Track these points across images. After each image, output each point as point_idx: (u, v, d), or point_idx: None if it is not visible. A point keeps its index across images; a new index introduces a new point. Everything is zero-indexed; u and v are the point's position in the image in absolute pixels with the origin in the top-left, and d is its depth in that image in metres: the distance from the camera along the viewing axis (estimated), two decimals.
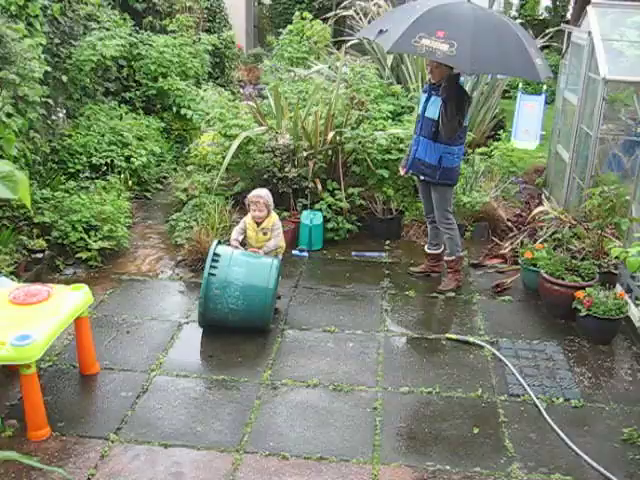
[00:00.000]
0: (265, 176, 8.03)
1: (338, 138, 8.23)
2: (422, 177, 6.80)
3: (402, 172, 7.14)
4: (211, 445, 4.59)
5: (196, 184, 8.19)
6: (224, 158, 7.96)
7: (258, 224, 6.34)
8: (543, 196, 9.26)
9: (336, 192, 8.11)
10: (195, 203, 7.81)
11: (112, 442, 4.58)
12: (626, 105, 7.99)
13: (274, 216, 6.45)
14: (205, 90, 10.64)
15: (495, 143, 9.87)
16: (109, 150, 8.84)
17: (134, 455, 4.47)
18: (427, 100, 6.67)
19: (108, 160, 8.73)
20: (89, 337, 5.27)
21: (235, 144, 7.88)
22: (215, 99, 9.25)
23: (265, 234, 6.33)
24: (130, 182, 8.84)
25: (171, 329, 6.05)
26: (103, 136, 8.92)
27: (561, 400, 5.20)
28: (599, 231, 6.85)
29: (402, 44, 6.00)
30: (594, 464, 4.51)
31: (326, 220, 7.93)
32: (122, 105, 10.02)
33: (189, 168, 8.83)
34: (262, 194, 6.35)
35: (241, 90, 14.17)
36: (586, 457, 4.58)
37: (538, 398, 5.19)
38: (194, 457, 4.47)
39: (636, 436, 4.79)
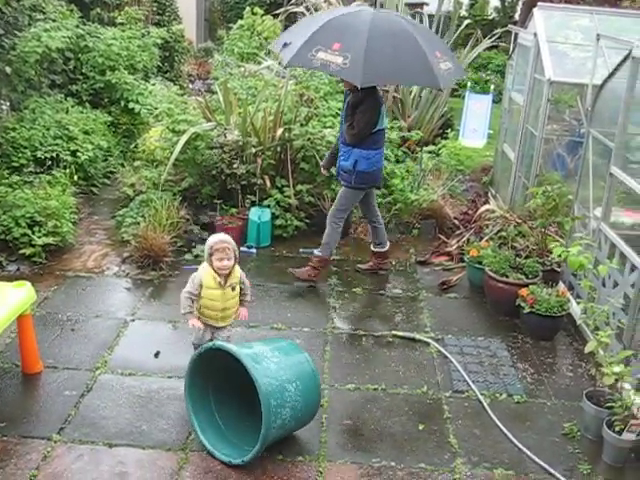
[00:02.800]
0: (213, 172, 7.99)
1: (287, 135, 8.23)
2: (342, 182, 6.86)
3: (323, 171, 7.20)
4: (156, 444, 4.55)
5: (144, 180, 8.11)
6: (172, 154, 7.89)
7: (224, 278, 4.90)
8: (489, 194, 9.40)
9: (285, 189, 8.11)
10: (142, 199, 7.72)
11: (55, 442, 4.51)
12: (570, 106, 8.16)
13: (236, 266, 5.04)
14: (154, 84, 10.55)
15: (443, 141, 9.99)
16: (54, 144, 8.67)
17: (77, 455, 4.41)
18: (345, 106, 6.70)
19: (53, 154, 8.57)
20: (32, 335, 5.17)
21: (183, 140, 7.82)
22: (164, 94, 9.17)
23: (233, 289, 4.97)
24: (76, 177, 8.69)
25: (117, 327, 5.98)
26: (48, 130, 8.75)
27: (504, 396, 5.30)
28: (542, 230, 6.98)
29: (299, 58, 6.00)
30: (535, 458, 4.62)
31: (274, 217, 7.92)
32: (68, 98, 9.84)
33: (136, 163, 8.72)
34: (227, 239, 4.92)
35: (190, 85, 14.08)
36: (528, 452, 4.68)
37: (482, 394, 5.28)
38: (139, 456, 4.43)
39: (576, 430, 4.90)
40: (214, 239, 4.90)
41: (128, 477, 4.25)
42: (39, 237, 6.99)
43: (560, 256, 5.51)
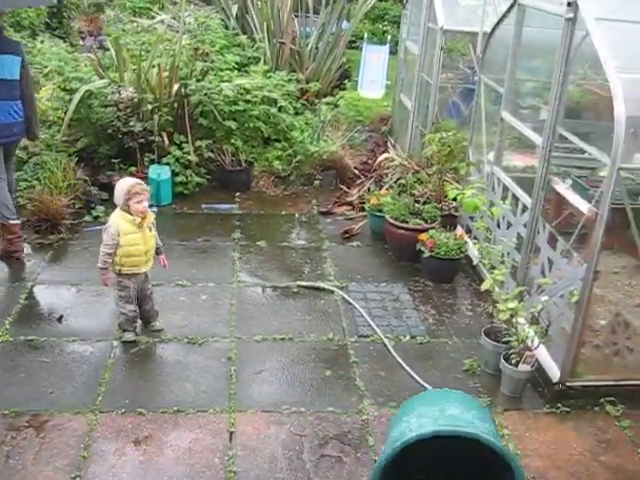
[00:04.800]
0: (109, 131, 7.81)
1: (183, 90, 8.10)
2: None
3: None
4: (64, 408, 4.50)
5: (37, 141, 7.83)
6: (65, 113, 7.66)
7: (141, 219, 5.01)
8: (389, 144, 9.54)
9: (184, 145, 8.01)
10: (36, 161, 7.48)
11: None
12: (463, 54, 8.33)
13: None
14: (42, 42, 10.14)
15: (341, 93, 10.03)
16: None
17: None
18: None
19: None
20: None
21: (76, 98, 7.60)
22: (53, 51, 8.83)
23: (150, 230, 5.12)
24: None
25: (17, 293, 5.83)
26: None
27: (408, 338, 5.47)
28: (439, 176, 7.16)
29: None
30: None
31: (175, 174, 7.83)
32: None
33: None
34: (140, 181, 5.11)
35: (81, 42, 13.57)
36: (431, 389, 4.86)
37: (386, 337, 5.44)
38: (46, 421, 4.37)
39: (476, 366, 5.13)
40: (129, 183, 4.99)
41: (36, 442, 4.20)
42: None
43: (455, 199, 5.69)
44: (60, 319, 5.49)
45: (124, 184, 4.97)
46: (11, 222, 6.31)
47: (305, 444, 4.31)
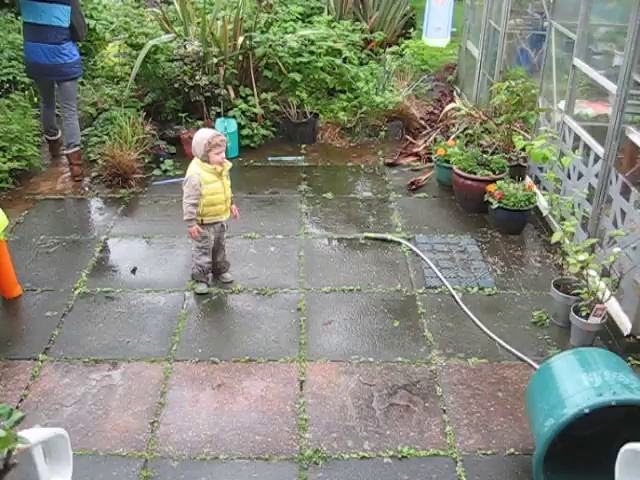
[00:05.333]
0: (176, 85, 7.88)
1: (248, 43, 8.11)
2: None
3: None
4: (140, 357, 4.67)
5: (105, 97, 7.98)
6: (132, 69, 7.75)
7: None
8: (455, 93, 9.38)
9: (249, 98, 8.05)
10: (106, 117, 7.63)
11: (42, 362, 4.61)
12: None
13: None
14: None
15: (406, 42, 9.87)
16: (10, 66, 8.43)
17: (65, 372, 4.52)
18: None
19: (10, 77, 8.35)
20: (7, 260, 5.20)
21: (142, 53, 7.67)
22: (118, 7, 8.91)
23: (228, 178, 5.30)
24: (35, 99, 8.53)
25: (91, 246, 6.02)
26: (2, 52, 8.51)
27: (476, 289, 5.46)
28: (508, 125, 7.03)
29: None
30: (507, 346, 4.81)
31: (240, 127, 7.89)
32: (19, 17, 9.52)
33: (96, 81, 8.56)
34: (219, 132, 5.34)
35: None
36: (500, 340, 4.87)
37: (454, 289, 5.44)
38: (125, 369, 4.55)
39: (545, 318, 5.09)
40: (209, 134, 5.05)
41: (116, 389, 4.38)
42: (4, 162, 6.91)
43: (523, 149, 5.59)
44: (134, 271, 5.65)
45: (204, 135, 5.02)
46: (51, 138, 7.81)
47: (374, 393, 4.38)
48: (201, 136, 5.04)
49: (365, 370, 4.57)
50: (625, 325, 4.80)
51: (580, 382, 3.57)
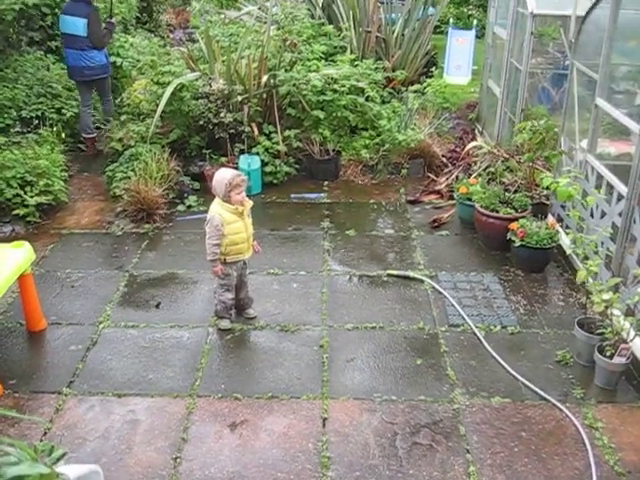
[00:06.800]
0: (201, 122, 8.00)
1: (272, 81, 8.22)
2: None
3: None
4: (164, 392, 4.69)
5: (131, 134, 8.09)
6: (158, 106, 7.88)
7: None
8: (476, 131, 9.44)
9: (273, 135, 8.14)
10: (131, 153, 7.74)
11: (66, 395, 4.64)
12: (554, 39, 8.15)
13: None
14: (134, 36, 10.43)
15: (428, 80, 9.96)
16: (39, 102, 8.65)
17: (89, 406, 4.55)
18: None
19: (39, 113, 8.55)
20: (34, 293, 5.27)
21: (168, 91, 7.80)
22: (145, 45, 9.09)
23: (249, 216, 5.33)
24: (63, 134, 8.68)
25: (116, 280, 6.08)
26: (31, 88, 8.71)
27: (498, 328, 5.44)
28: (530, 164, 7.05)
29: None
30: (531, 385, 4.78)
31: (264, 164, 7.97)
32: (49, 55, 9.75)
33: (123, 117, 8.70)
34: (239, 172, 5.39)
35: (171, 35, 13.89)
36: (523, 379, 4.84)
37: (477, 327, 5.43)
38: (148, 404, 4.57)
39: (569, 357, 5.06)
40: (229, 175, 5.09)
41: (139, 424, 4.40)
42: (31, 197, 7.03)
43: (549, 187, 5.61)
44: (158, 305, 5.70)
45: (224, 176, 5.07)
46: (87, 136, 9.06)
47: (397, 432, 4.36)
48: (222, 176, 5.08)
49: (388, 408, 4.56)
50: None
51: None
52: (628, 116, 5.43)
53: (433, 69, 10.98)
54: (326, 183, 8.20)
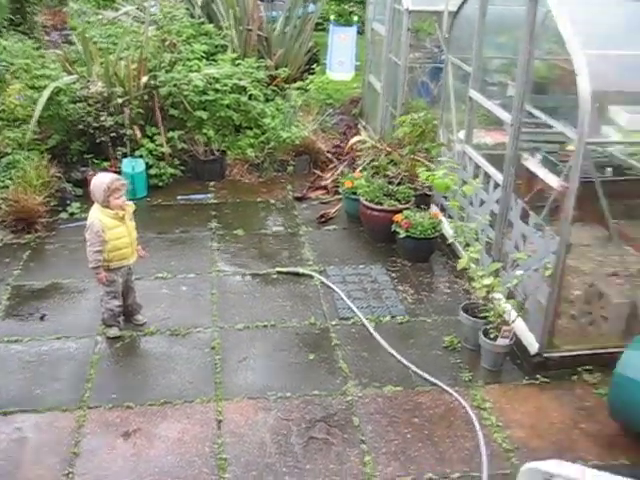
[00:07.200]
0: (80, 126, 7.79)
1: (153, 82, 8.08)
2: None
3: None
4: (52, 406, 4.55)
5: (7, 140, 7.78)
6: (34, 111, 7.61)
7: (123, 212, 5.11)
8: (360, 126, 9.57)
9: (156, 137, 8.01)
10: (8, 161, 7.43)
11: None
12: (430, 34, 8.37)
13: None
14: (6, 39, 10.02)
15: (311, 77, 10.02)
16: None
17: None
18: None
19: None
20: None
21: (44, 95, 7.54)
22: (18, 48, 8.75)
23: (131, 221, 5.22)
24: None
25: None
26: None
27: (388, 318, 5.56)
28: (412, 156, 7.22)
29: None
30: (421, 372, 4.92)
31: (148, 166, 7.84)
32: None
33: None
34: (118, 176, 5.22)
35: (46, 37, 13.40)
36: (413, 367, 4.97)
37: (367, 319, 5.53)
38: (36, 420, 4.42)
39: (456, 342, 5.23)
40: (108, 179, 4.98)
41: (27, 441, 4.25)
42: None
43: (427, 180, 5.77)
44: (43, 317, 5.51)
45: (103, 180, 4.96)
46: None
47: (293, 428, 4.39)
48: (100, 181, 4.97)
49: (283, 405, 4.58)
50: (532, 344, 4.98)
51: None
52: (501, 107, 5.65)
53: (315, 66, 11.05)
54: (212, 183, 8.14)
